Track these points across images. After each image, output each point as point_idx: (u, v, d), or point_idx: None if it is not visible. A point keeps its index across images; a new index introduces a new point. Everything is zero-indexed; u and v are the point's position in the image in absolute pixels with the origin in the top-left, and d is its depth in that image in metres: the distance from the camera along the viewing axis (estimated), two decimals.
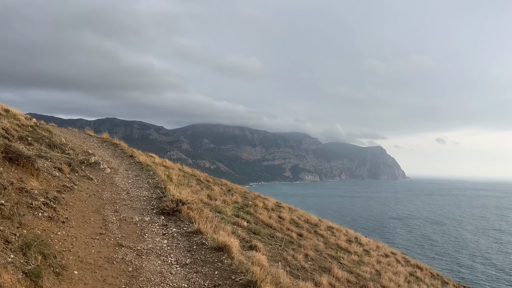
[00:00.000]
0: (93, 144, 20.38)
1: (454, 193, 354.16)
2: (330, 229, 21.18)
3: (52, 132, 18.18)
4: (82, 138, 22.22)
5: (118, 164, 15.46)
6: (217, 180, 22.23)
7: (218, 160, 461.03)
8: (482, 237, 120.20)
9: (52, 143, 13.07)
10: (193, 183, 16.73)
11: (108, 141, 21.88)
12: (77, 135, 23.27)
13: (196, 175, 20.29)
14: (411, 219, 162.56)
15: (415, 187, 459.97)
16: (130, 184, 11.85)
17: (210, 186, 18.08)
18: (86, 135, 23.84)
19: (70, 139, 20.64)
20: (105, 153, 17.99)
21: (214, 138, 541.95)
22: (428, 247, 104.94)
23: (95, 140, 21.89)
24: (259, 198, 21.37)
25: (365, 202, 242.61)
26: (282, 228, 14.69)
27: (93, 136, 23.78)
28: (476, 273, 77.38)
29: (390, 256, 20.92)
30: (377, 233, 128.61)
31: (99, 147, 19.57)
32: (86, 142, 20.57)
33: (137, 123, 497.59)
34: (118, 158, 16.98)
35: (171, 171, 17.27)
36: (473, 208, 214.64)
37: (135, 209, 9.06)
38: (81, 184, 10.50)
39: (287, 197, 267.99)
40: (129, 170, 14.28)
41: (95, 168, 13.32)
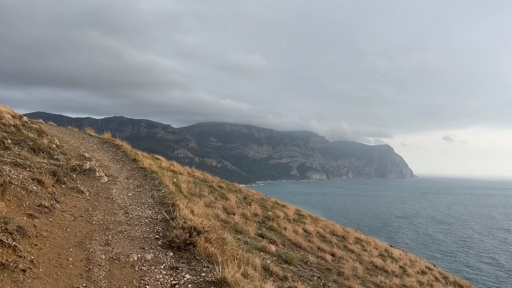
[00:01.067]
0: (92, 145, 18.14)
1: (462, 192, 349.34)
2: (359, 241, 18.73)
3: (45, 132, 15.94)
4: (80, 138, 19.99)
5: (118, 170, 13.14)
6: (230, 186, 19.88)
7: (225, 159, 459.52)
8: (489, 237, 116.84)
9: (37, 146, 10.78)
10: (205, 192, 14.39)
11: (110, 142, 19.63)
12: (76, 135, 21.05)
13: (208, 181, 17.96)
14: (417, 218, 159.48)
15: (422, 186, 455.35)
16: (130, 198, 9.49)
17: (225, 195, 15.72)
18: (86, 135, 21.61)
19: (66, 140, 18.41)
20: (104, 156, 15.70)
21: (220, 136, 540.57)
22: (434, 246, 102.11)
23: (95, 141, 19.66)
24: (277, 207, 18.99)
25: (370, 201, 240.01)
26: (313, 247, 12.28)
27: (93, 136, 21.55)
28: (482, 273, 75.32)
29: (427, 272, 18.44)
30: (383, 232, 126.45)
31: (99, 149, 17.31)
32: (84, 143, 18.33)
33: (145, 121, 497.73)
34: (119, 163, 14.68)
35: (180, 177, 14.94)
36: (481, 207, 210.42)
37: (133, 239, 6.70)
38: (67, 201, 8.17)
39: (293, 195, 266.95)
40: (130, 178, 11.94)
41: (89, 177, 11.00)
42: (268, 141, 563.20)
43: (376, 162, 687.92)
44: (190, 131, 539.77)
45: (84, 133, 22.44)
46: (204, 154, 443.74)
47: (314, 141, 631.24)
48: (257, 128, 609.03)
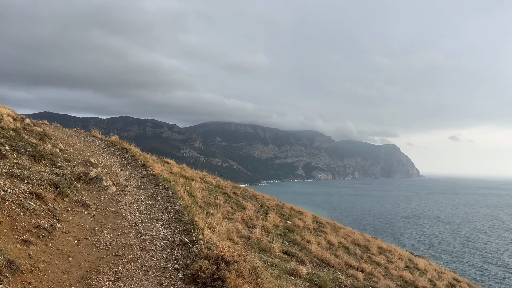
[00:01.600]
0: (98, 149, 17.10)
1: (468, 192, 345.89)
2: (382, 251, 17.51)
3: (48, 135, 14.92)
4: (86, 141, 18.97)
5: (127, 177, 12.06)
6: (244, 191, 18.74)
7: (231, 158, 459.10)
8: (496, 238, 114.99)
9: (38, 153, 9.71)
10: (221, 200, 13.27)
11: (117, 145, 18.58)
12: (82, 138, 20.04)
13: (221, 187, 16.83)
14: (423, 218, 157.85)
15: (428, 185, 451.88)
16: (142, 213, 8.39)
17: (241, 203, 14.60)
18: (92, 138, 20.60)
19: (72, 143, 17.40)
20: (111, 161, 14.64)
21: (226, 136, 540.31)
22: (440, 246, 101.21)
23: (101, 144, 18.62)
24: (295, 214, 17.82)
25: (376, 200, 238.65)
26: (340, 263, 11.11)
27: (100, 138, 20.52)
28: (489, 274, 74.30)
29: (456, 285, 17.19)
30: (388, 232, 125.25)
31: (105, 153, 16.25)
32: (90, 147, 17.30)
33: (150, 121, 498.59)
34: (128, 168, 13.60)
35: (193, 184, 13.83)
36: (487, 207, 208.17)
37: (148, 269, 5.58)
38: (70, 218, 7.09)
39: (298, 195, 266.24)
40: (141, 187, 10.85)
41: (96, 186, 9.92)
42: (273, 141, 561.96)
43: (382, 161, 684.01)
44: (195, 130, 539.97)
45: (90, 136, 21.43)
46: (209, 154, 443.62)
47: (320, 141, 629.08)
48: (263, 127, 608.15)
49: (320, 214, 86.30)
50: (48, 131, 17.21)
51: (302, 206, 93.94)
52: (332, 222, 20.56)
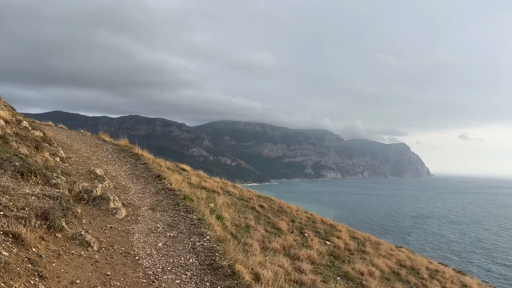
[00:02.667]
0: (106, 155, 15.00)
1: (478, 192, 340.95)
2: (432, 273, 15.14)
3: (49, 140, 12.84)
4: (93, 145, 16.89)
5: (139, 193, 9.90)
6: (269, 202, 16.50)
7: (239, 157, 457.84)
8: (504, 238, 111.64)
9: (27, 167, 7.56)
10: (251, 220, 11.07)
11: (127, 150, 16.47)
12: (88, 142, 17.97)
13: (246, 199, 14.59)
14: (430, 218, 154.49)
15: (438, 185, 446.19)
16: (162, 253, 6.16)
17: (272, 221, 12.38)
18: (100, 141, 18.53)
19: (76, 148, 15.31)
20: (121, 171, 12.50)
21: (235, 135, 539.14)
22: (448, 247, 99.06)
23: (110, 149, 16.53)
24: (328, 229, 15.54)
25: (383, 200, 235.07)
26: None
27: (108, 142, 18.44)
28: (500, 276, 72.05)
29: None
30: (396, 232, 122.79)
31: (114, 160, 14.13)
32: (97, 153, 15.20)
33: (160, 120, 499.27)
34: (140, 181, 11.44)
35: (217, 198, 11.64)
36: (498, 207, 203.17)
37: None
38: (61, 269, 4.90)
39: (305, 194, 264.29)
40: (157, 208, 8.66)
41: (100, 209, 7.76)
42: (282, 140, 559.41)
43: (392, 160, 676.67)
44: (204, 129, 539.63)
45: (97, 139, 19.37)
46: (218, 153, 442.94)
47: (329, 140, 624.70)
48: (271, 126, 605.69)
49: (327, 213, 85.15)
50: (49, 134, 15.15)
51: (309, 205, 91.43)
52: (366, 235, 18.21)
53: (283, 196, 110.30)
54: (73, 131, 22.02)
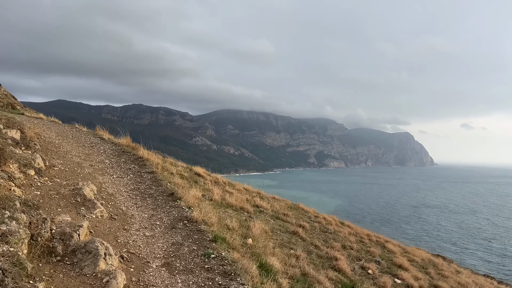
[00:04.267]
0: (103, 159, 11.84)
1: (482, 181, 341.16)
2: None
3: (29, 142, 9.69)
4: (88, 145, 13.72)
5: (146, 228, 6.75)
6: (309, 220, 13.39)
7: (243, 146, 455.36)
8: (502, 228, 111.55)
9: None
10: (302, 258, 7.97)
11: (129, 151, 13.31)
12: (82, 140, 14.79)
13: (282, 218, 11.43)
14: (430, 208, 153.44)
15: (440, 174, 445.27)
16: None
17: (323, 253, 9.28)
18: (97, 139, 15.35)
19: (65, 150, 12.15)
20: (120, 185, 9.36)
21: (238, 124, 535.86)
22: (444, 236, 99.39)
23: (108, 150, 13.36)
24: (383, 251, 12.43)
25: (383, 189, 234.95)
26: None
27: (106, 140, 15.25)
28: (493, 265, 71.70)
29: None
30: (394, 222, 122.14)
31: (113, 168, 10.99)
32: (91, 156, 12.05)
33: (163, 109, 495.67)
34: (146, 202, 8.29)
35: (251, 225, 8.50)
36: (499, 197, 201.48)
37: None
38: None
39: (306, 183, 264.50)
40: (175, 264, 5.42)
41: (83, 272, 4.66)
42: (285, 129, 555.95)
43: (396, 149, 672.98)
44: (207, 118, 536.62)
45: (94, 136, 16.19)
46: (222, 142, 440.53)
47: (333, 129, 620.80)
48: (275, 115, 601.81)
49: (326, 202, 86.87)
50: (31, 134, 11.98)
51: (309, 194, 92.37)
52: (421, 254, 15.14)
53: (284, 185, 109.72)
54: (67, 125, 18.84)
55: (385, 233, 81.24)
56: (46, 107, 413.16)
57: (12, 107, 34.16)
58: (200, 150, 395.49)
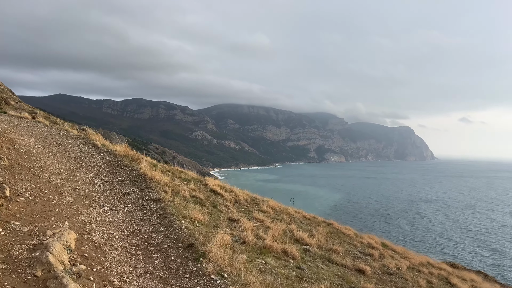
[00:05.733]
0: (92, 178, 8.87)
1: (480, 175, 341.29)
2: None
3: None
4: (74, 156, 10.73)
5: None
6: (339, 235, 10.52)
7: (243, 141, 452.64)
8: (496, 223, 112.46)
9: None
10: None
11: (127, 165, 10.32)
12: (69, 148, 11.78)
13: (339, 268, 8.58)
14: (425, 202, 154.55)
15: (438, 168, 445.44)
16: None
17: None
18: (87, 147, 12.34)
19: (43, 164, 9.17)
20: (113, 224, 6.40)
21: (238, 118, 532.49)
22: (439, 231, 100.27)
23: (100, 163, 10.37)
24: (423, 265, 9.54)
25: (380, 183, 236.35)
26: None
27: (99, 148, 12.25)
28: (486, 261, 73.36)
29: None
30: (388, 216, 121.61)
31: (104, 192, 8.02)
32: (77, 172, 9.07)
33: (163, 103, 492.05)
34: (153, 264, 5.32)
35: None
36: (496, 191, 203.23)
37: None
38: None
39: (303, 177, 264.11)
40: None
41: None
42: (286, 123, 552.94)
43: (396, 144, 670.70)
44: (208, 113, 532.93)
45: (84, 142, 13.17)
46: (222, 136, 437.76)
47: (333, 123, 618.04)
48: (275, 110, 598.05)
49: (324, 196, 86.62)
50: None
51: (307, 188, 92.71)
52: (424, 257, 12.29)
53: (282, 179, 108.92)
54: (54, 128, 15.82)
55: (382, 229, 79.59)
56: (47, 102, 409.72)
57: (6, 102, 31.44)
58: (201, 144, 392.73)
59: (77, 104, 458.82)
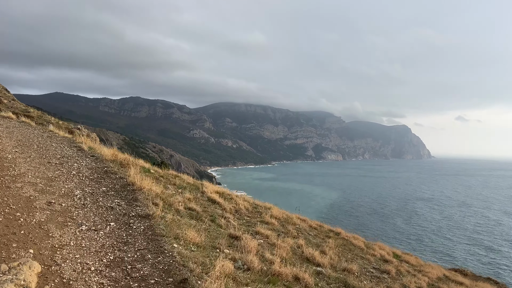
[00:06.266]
0: (71, 188, 7.70)
1: (475, 174, 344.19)
2: None
3: None
4: (55, 162, 9.54)
5: None
6: None
7: (240, 139, 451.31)
8: (490, 221, 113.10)
9: None
10: None
11: (114, 172, 9.17)
12: (50, 153, 10.59)
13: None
14: (420, 200, 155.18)
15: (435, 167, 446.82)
16: None
17: None
18: (71, 151, 11.15)
19: (16, 173, 8.00)
20: (90, 250, 5.21)
21: (236, 117, 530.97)
22: (434, 228, 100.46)
23: (84, 169, 9.21)
24: None
25: (375, 182, 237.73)
26: None
27: (85, 152, 11.07)
28: (481, 259, 73.71)
29: None
30: (383, 214, 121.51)
31: (84, 207, 6.85)
32: (56, 182, 7.92)
33: (161, 102, 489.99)
34: None
35: None
36: (490, 190, 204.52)
37: None
38: None
39: (299, 176, 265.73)
40: None
41: None
42: (283, 122, 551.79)
43: (393, 142, 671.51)
44: (205, 111, 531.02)
45: (70, 145, 11.98)
46: (219, 135, 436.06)
47: (330, 122, 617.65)
48: (273, 108, 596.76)
49: (319, 195, 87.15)
50: None
51: (303, 186, 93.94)
52: None
53: (278, 178, 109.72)
54: (38, 129, 14.59)
55: (378, 228, 79.23)
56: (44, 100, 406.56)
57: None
58: (198, 143, 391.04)
59: (74, 102, 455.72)
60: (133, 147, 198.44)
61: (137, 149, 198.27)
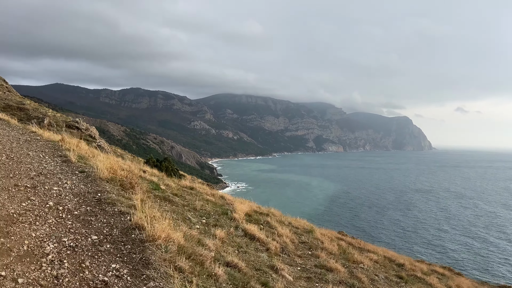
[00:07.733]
0: (42, 233, 4.77)
1: (475, 165, 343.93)
2: None
3: None
4: (27, 182, 6.59)
5: None
6: None
7: (241, 131, 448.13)
8: (485, 213, 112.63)
9: None
10: None
11: (110, 201, 6.19)
12: (23, 168, 7.58)
13: None
14: (418, 192, 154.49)
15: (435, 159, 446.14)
16: None
17: None
18: (55, 163, 8.17)
19: None
20: None
21: (237, 108, 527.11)
22: (430, 221, 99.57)
23: (69, 196, 6.26)
24: None
25: (373, 173, 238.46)
26: None
27: (72, 166, 8.09)
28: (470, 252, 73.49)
29: None
30: (379, 205, 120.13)
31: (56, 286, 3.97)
32: (18, 226, 4.96)
33: (161, 93, 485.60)
34: None
35: None
36: (488, 181, 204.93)
37: None
38: None
39: (298, 167, 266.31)
40: None
41: None
42: (284, 113, 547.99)
43: (394, 134, 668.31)
44: (206, 102, 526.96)
45: (53, 153, 8.98)
46: (220, 126, 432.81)
47: (331, 113, 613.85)
48: (273, 100, 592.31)
49: (318, 186, 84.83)
50: None
51: (300, 177, 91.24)
52: None
53: (277, 169, 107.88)
54: (17, 130, 11.56)
55: (376, 219, 77.14)
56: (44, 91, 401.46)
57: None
58: (199, 134, 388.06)
59: (74, 93, 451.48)
60: (133, 138, 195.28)
61: (138, 140, 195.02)
